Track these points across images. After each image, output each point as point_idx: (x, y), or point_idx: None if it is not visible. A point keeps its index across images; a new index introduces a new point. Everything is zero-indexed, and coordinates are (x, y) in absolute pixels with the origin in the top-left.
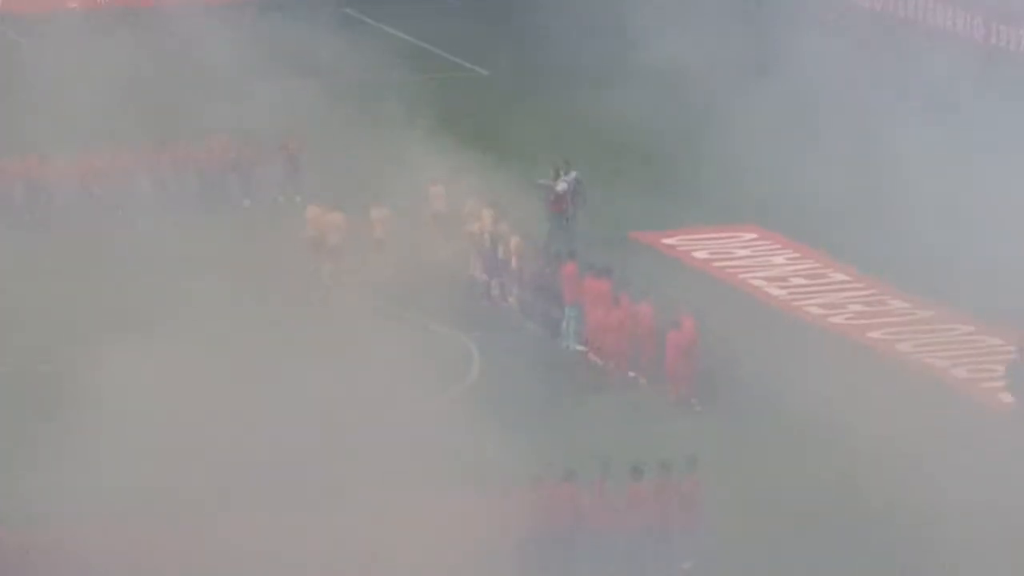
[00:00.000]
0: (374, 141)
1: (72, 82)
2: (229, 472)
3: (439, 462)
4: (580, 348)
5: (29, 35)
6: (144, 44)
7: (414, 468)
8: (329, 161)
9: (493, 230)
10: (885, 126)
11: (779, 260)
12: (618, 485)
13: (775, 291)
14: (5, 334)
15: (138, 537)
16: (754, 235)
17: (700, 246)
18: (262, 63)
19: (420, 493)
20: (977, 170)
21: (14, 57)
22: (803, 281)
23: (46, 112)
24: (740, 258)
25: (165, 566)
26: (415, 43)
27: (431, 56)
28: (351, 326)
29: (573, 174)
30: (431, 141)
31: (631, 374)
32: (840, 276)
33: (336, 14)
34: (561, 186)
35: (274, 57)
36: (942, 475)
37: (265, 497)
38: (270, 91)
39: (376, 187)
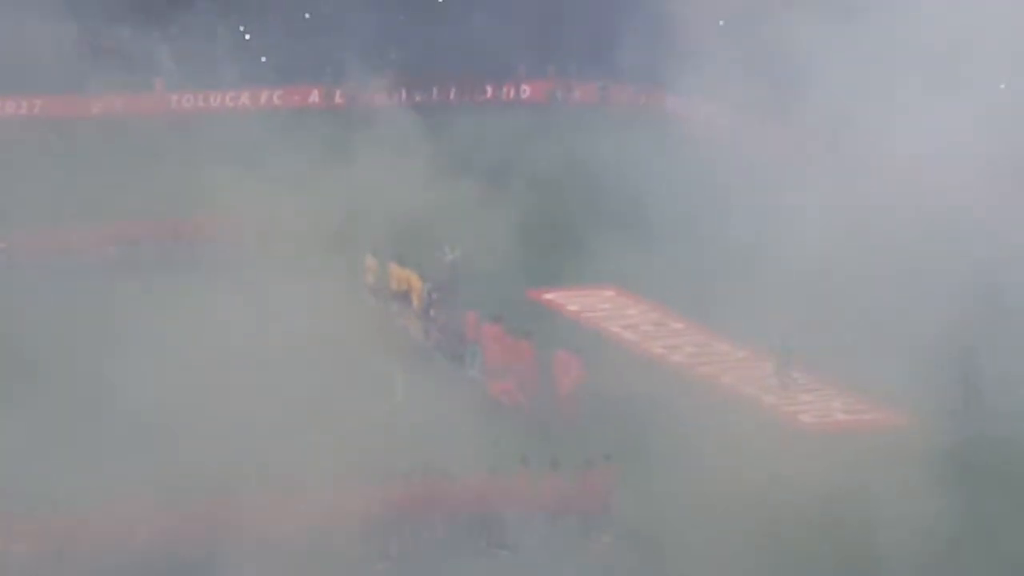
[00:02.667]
0: None
1: None
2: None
3: (376, 457)
4: (479, 376)
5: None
6: None
7: (360, 460)
8: None
9: (419, 290)
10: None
11: (632, 312)
12: (536, 476)
13: (628, 335)
14: None
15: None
16: (612, 293)
17: (572, 301)
18: None
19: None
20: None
21: None
22: (650, 328)
23: None
24: (602, 310)
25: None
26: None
27: None
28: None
29: (458, 251)
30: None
31: (515, 398)
32: (678, 325)
33: None
34: (449, 257)
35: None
36: (748, 470)
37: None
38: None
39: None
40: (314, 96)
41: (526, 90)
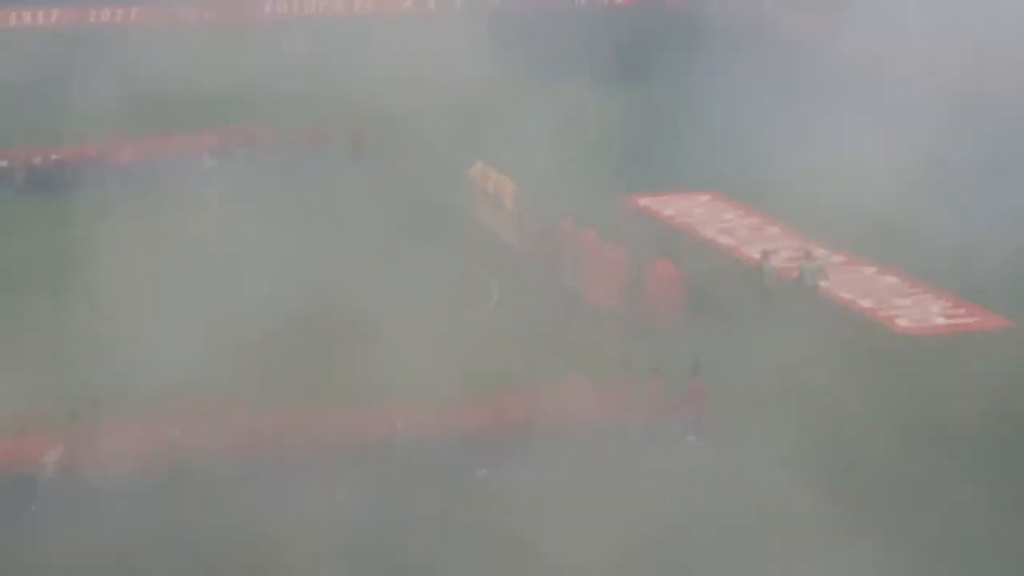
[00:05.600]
0: None
1: None
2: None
3: (473, 365)
4: (575, 284)
5: None
6: None
7: (457, 368)
8: None
9: (517, 200)
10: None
11: (728, 216)
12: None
13: (724, 240)
14: None
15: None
16: (708, 198)
17: (667, 206)
18: None
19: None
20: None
21: None
22: (746, 233)
23: None
24: (697, 215)
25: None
26: None
27: None
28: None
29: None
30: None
31: (611, 304)
32: (774, 230)
33: None
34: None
35: None
36: (843, 374)
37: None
38: None
39: None
40: (407, 2)
41: None
